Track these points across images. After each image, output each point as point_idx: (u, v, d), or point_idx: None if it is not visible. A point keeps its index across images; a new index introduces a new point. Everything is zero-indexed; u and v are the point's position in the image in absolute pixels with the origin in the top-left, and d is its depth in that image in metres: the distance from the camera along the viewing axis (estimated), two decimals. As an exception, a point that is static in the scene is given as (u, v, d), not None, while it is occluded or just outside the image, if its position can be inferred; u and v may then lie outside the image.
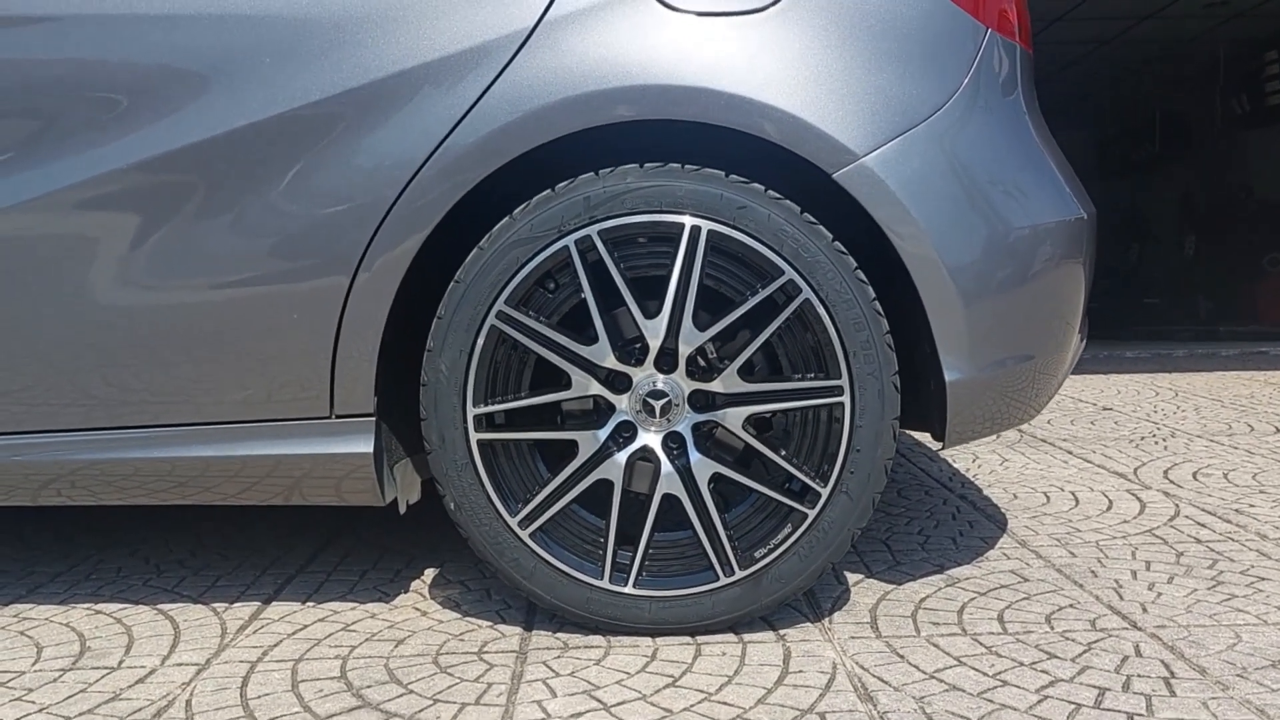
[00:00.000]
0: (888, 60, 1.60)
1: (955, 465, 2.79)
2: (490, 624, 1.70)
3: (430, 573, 1.97)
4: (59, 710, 1.43)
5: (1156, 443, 3.04)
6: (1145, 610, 1.69)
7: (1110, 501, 2.38)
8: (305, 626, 1.72)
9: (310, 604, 1.82)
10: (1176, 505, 2.33)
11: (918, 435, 3.15)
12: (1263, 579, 1.83)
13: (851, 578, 1.89)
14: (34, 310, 1.62)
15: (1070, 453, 2.93)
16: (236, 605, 1.83)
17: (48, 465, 1.68)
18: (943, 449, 1.76)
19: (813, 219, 1.58)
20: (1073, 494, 2.46)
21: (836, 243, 1.58)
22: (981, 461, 2.85)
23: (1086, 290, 1.88)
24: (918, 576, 1.89)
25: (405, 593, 1.87)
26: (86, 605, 1.85)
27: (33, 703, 1.45)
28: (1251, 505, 2.31)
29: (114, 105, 1.58)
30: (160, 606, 1.83)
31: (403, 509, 1.77)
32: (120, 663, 1.59)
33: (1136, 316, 11.20)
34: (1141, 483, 2.55)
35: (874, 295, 1.59)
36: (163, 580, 1.98)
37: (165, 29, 1.58)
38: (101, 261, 1.60)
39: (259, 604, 1.83)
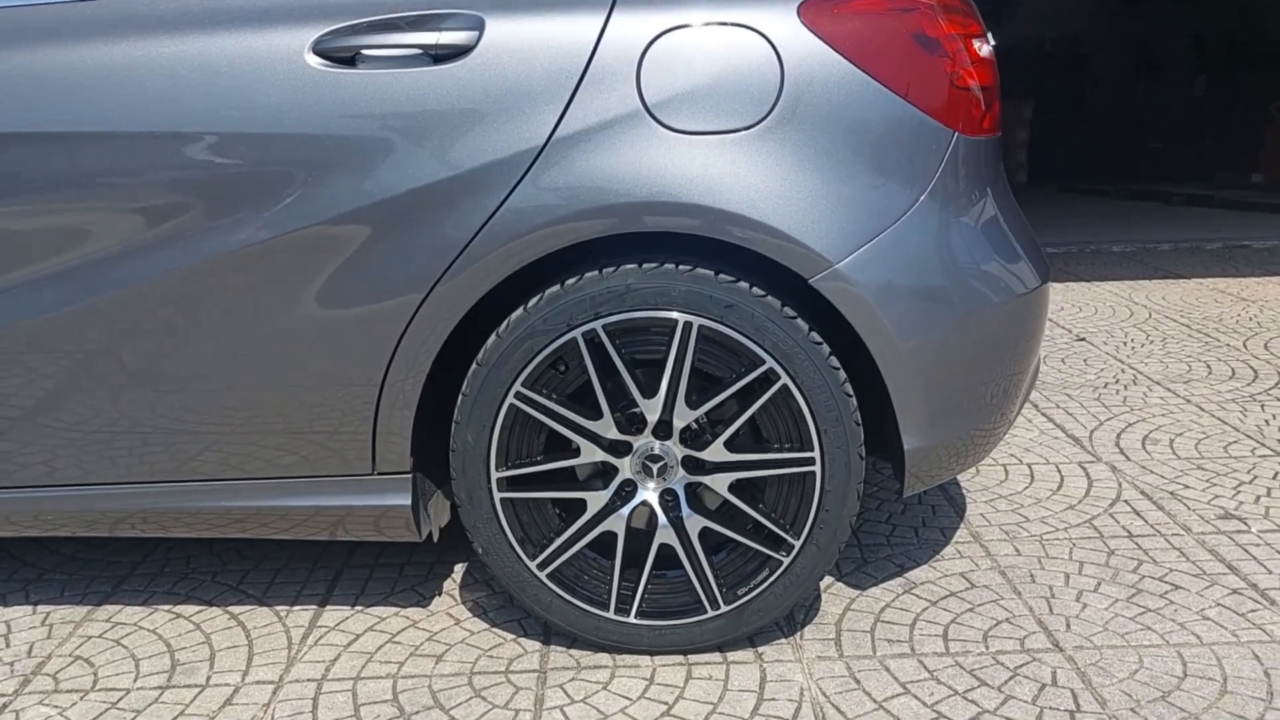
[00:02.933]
0: (860, 170, 1.76)
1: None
2: (514, 637, 2.01)
3: (459, 569, 2.27)
4: (166, 735, 1.76)
5: (1117, 393, 3.30)
6: (1069, 627, 1.99)
7: (1061, 479, 2.66)
8: (358, 637, 2.03)
9: (359, 608, 2.13)
10: (1119, 485, 2.61)
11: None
12: (1176, 587, 2.13)
13: (824, 582, 2.19)
14: (132, 390, 1.85)
15: (1036, 407, 3.19)
16: (295, 609, 2.14)
17: (134, 512, 1.96)
18: (901, 495, 2.01)
19: (793, 313, 1.79)
20: (1029, 467, 2.74)
21: (813, 333, 1.80)
22: (954, 415, 3.11)
23: (1041, 340, 2.09)
24: (880, 580, 2.19)
25: (439, 595, 2.18)
26: (167, 607, 2.16)
27: (143, 727, 1.78)
28: (1186, 486, 2.59)
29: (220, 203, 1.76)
30: (231, 609, 2.14)
31: (436, 538, 2.05)
32: (208, 679, 1.91)
33: (1139, 166, 11.19)
34: (1094, 453, 2.82)
35: (844, 378, 1.82)
36: (228, 575, 2.28)
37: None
38: (192, 350, 1.82)
39: (315, 607, 2.14)
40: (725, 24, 1.74)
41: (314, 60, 1.73)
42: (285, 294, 1.79)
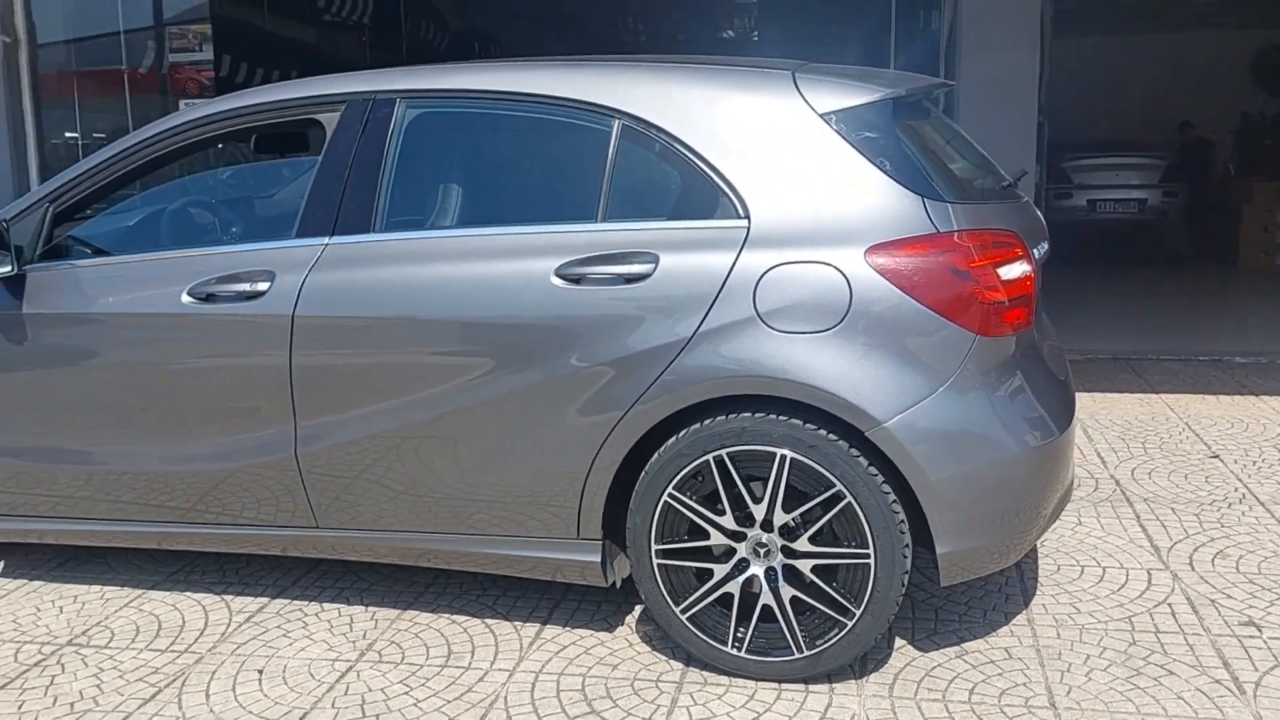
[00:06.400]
0: (903, 360, 2.59)
1: (1037, 524, 3.71)
2: (666, 658, 2.93)
3: (638, 609, 3.22)
4: (444, 694, 2.80)
5: (1218, 511, 3.81)
6: (1069, 694, 2.67)
7: (1125, 581, 3.28)
8: (565, 648, 3.01)
9: (568, 628, 3.12)
10: (1171, 590, 3.20)
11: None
12: (1171, 674, 2.74)
13: (899, 641, 2.97)
14: (436, 471, 2.94)
15: (1138, 518, 3.77)
16: (527, 624, 3.16)
17: (431, 550, 3.05)
18: (941, 584, 2.76)
19: (856, 453, 2.63)
20: (1103, 569, 3.36)
21: (871, 467, 2.63)
22: (1063, 521, 3.76)
23: (1065, 474, 2.81)
24: (941, 646, 2.94)
25: (621, 625, 3.13)
26: (446, 616, 3.23)
27: (429, 689, 2.83)
28: (1229, 597, 3.15)
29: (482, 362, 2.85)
30: (487, 621, 3.19)
31: (618, 584, 3.01)
32: (469, 664, 2.95)
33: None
34: (1165, 563, 3.40)
35: (893, 499, 2.63)
36: (486, 597, 3.34)
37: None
38: (486, 446, 2.88)
39: (539, 624, 3.15)
40: (813, 262, 2.63)
41: (556, 281, 2.77)
42: (541, 414, 2.81)
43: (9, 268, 3.16)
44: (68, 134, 8.25)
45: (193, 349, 3.09)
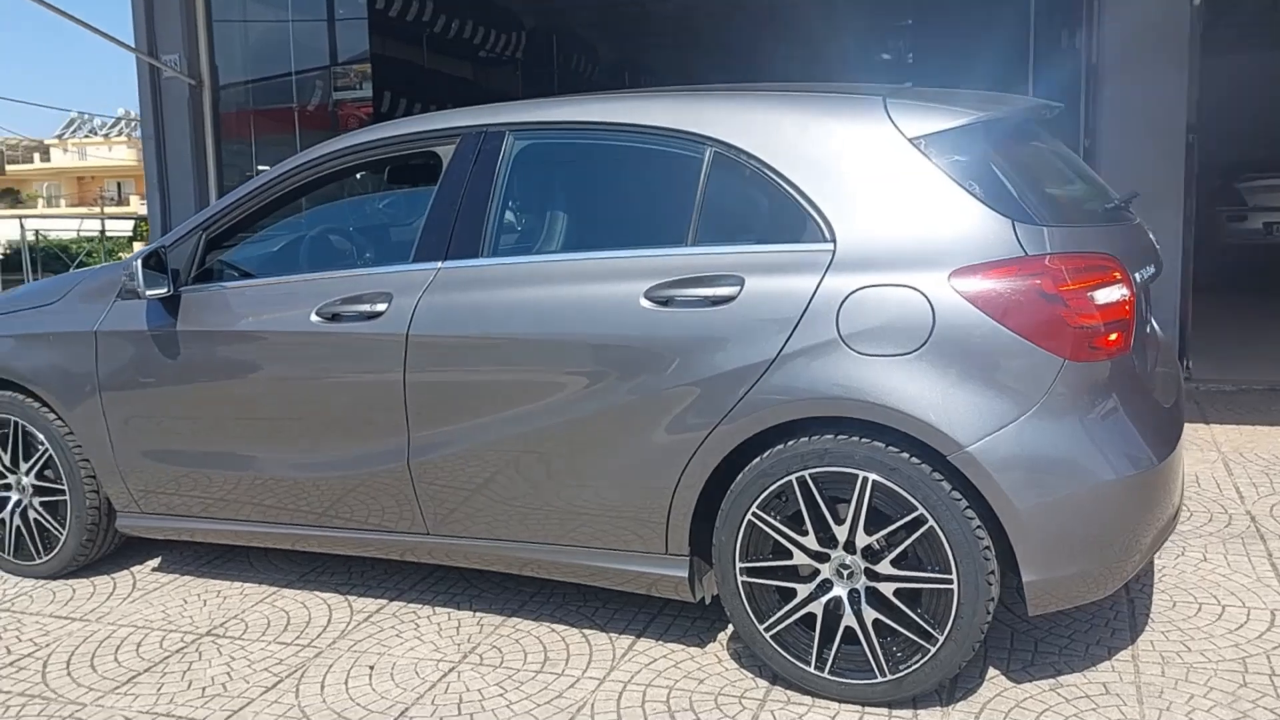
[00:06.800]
0: (988, 384, 2.57)
1: (1159, 560, 3.57)
2: (752, 676, 2.97)
3: (730, 626, 3.27)
4: (536, 698, 2.92)
5: (1363, 552, 3.56)
6: (1165, 733, 2.58)
7: (1246, 620, 3.11)
8: (655, 660, 3.09)
9: (660, 641, 3.20)
10: (1296, 633, 3.03)
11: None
12: (1281, 720, 2.61)
13: (991, 671, 2.92)
14: (535, 483, 3.09)
15: (1269, 556, 3.57)
16: (622, 636, 3.25)
17: (532, 559, 3.18)
18: (1028, 614, 2.70)
19: (939, 477, 2.62)
20: (1222, 606, 3.21)
21: (954, 492, 2.61)
22: (1187, 556, 3.60)
23: (1166, 504, 2.71)
24: (1036, 678, 2.87)
25: (712, 641, 3.19)
26: (547, 624, 3.36)
27: (523, 692, 2.96)
28: (1360, 643, 2.95)
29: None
30: (584, 630, 3.30)
31: (707, 601, 3.07)
32: (563, 670, 3.06)
33: None
34: (1293, 603, 3.21)
35: (977, 524, 2.60)
36: (587, 608, 3.46)
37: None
38: (571, 468, 3.01)
39: (633, 637, 3.24)
40: (897, 285, 2.64)
41: (645, 303, 2.87)
42: (630, 431, 2.91)
43: (165, 289, 3.49)
44: (260, 166, 8.87)
45: (320, 365, 3.34)
